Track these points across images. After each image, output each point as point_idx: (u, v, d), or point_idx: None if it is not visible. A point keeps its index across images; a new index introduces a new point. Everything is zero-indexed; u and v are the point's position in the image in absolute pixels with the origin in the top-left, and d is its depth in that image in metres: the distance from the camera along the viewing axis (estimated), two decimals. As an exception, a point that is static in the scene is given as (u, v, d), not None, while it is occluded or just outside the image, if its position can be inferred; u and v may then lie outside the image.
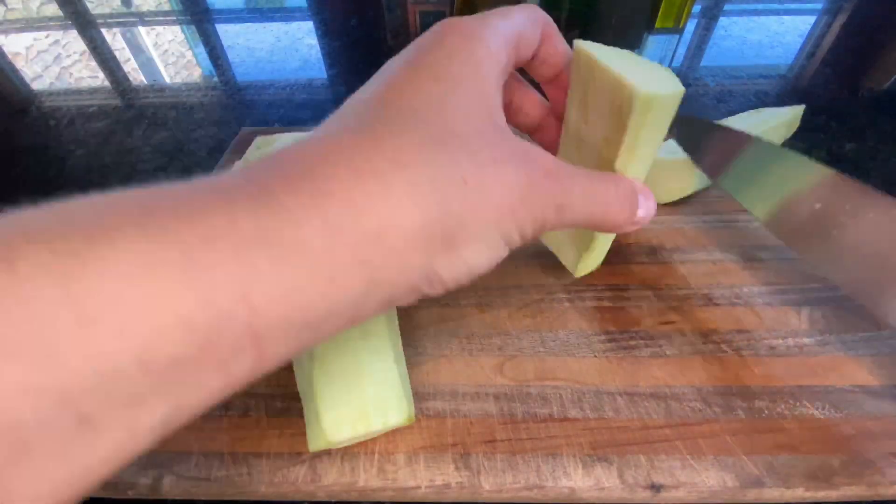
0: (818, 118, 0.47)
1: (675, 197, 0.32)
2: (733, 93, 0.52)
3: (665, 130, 0.19)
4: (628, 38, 0.62)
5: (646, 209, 0.20)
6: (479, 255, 0.15)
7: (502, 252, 0.15)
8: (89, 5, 0.81)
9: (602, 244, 0.25)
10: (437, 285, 0.14)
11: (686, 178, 0.31)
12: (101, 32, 0.73)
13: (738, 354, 0.25)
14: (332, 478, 0.20)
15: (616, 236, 0.25)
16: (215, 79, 0.61)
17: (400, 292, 0.13)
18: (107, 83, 0.61)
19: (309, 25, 0.72)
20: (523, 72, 0.21)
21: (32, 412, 0.08)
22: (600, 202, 0.17)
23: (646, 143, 0.19)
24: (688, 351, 0.25)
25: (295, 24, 0.72)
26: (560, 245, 0.28)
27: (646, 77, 0.17)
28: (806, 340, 0.25)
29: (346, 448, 0.21)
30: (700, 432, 0.22)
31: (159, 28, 0.74)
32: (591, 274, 0.29)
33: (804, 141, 0.43)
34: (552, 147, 0.23)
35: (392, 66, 0.15)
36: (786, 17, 0.69)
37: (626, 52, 0.18)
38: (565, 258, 0.28)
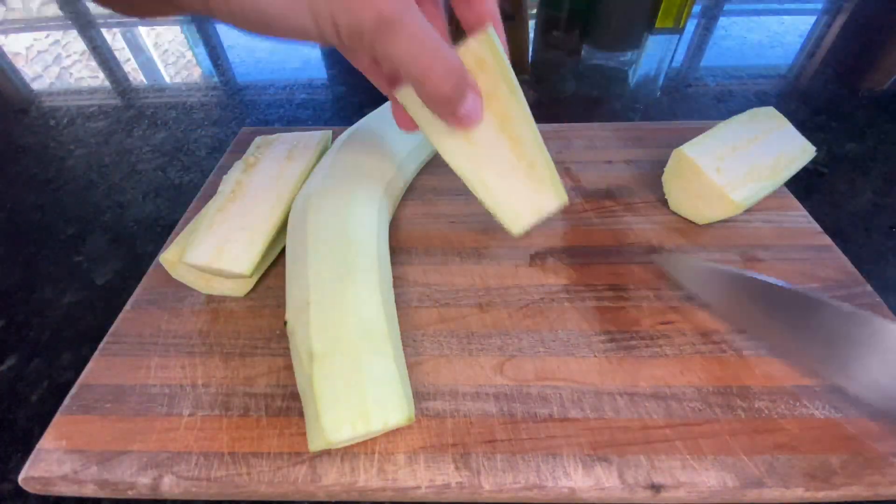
0: (818, 118, 0.47)
1: (708, 221, 0.31)
2: (733, 93, 0.52)
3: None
4: (628, 38, 0.62)
5: (469, 107, 0.21)
6: None
7: (304, 19, 0.15)
8: (89, 5, 0.81)
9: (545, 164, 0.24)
10: None
11: (722, 206, 0.30)
12: (101, 32, 0.73)
13: (738, 354, 0.25)
14: (332, 478, 0.20)
15: (616, 237, 0.25)
16: (215, 79, 0.61)
17: None
18: (107, 83, 0.61)
19: (309, 25, 0.72)
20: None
21: None
22: (424, 55, 0.17)
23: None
24: (688, 351, 0.25)
25: (295, 24, 0.72)
26: (497, 201, 0.25)
27: None
28: (806, 340, 0.25)
29: (346, 448, 0.21)
30: (700, 432, 0.22)
31: (159, 28, 0.74)
32: (592, 274, 0.29)
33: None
34: None
35: None
36: (786, 17, 0.69)
37: None
38: (506, 215, 0.25)
